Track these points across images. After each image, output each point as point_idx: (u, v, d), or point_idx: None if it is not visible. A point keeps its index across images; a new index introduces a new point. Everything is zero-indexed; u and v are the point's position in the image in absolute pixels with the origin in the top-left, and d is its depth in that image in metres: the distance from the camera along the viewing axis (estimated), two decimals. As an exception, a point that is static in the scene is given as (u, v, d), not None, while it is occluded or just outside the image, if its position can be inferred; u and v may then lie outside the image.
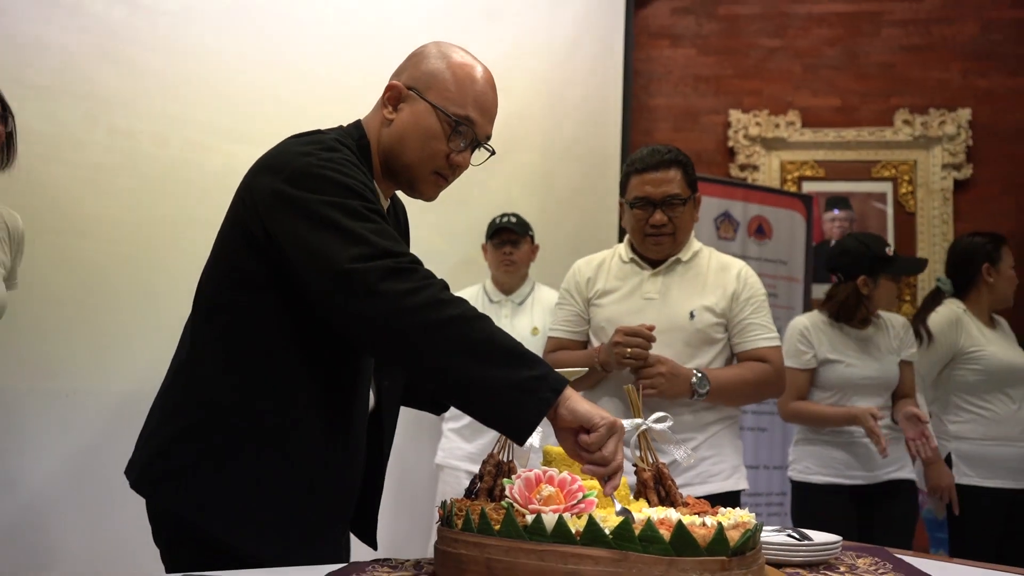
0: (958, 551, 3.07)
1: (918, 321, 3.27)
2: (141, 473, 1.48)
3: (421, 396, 1.70)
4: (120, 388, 2.86)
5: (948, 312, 3.24)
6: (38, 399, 2.57)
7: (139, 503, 1.50)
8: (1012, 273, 3.32)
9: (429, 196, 1.58)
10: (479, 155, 1.57)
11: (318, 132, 1.51)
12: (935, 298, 3.36)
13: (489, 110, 1.54)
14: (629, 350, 2.16)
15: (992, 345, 3.21)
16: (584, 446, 1.25)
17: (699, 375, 2.22)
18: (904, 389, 3.02)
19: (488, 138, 1.56)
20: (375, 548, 1.62)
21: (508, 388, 1.22)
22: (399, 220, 1.73)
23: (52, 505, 2.77)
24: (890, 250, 3.05)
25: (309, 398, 1.45)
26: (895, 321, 3.08)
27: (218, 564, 1.28)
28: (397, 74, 1.57)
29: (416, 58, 1.56)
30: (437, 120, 1.49)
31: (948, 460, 3.18)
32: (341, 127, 1.57)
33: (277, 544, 1.40)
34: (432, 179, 1.54)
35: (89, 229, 2.90)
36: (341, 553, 1.53)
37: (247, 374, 1.43)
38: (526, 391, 1.22)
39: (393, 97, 1.53)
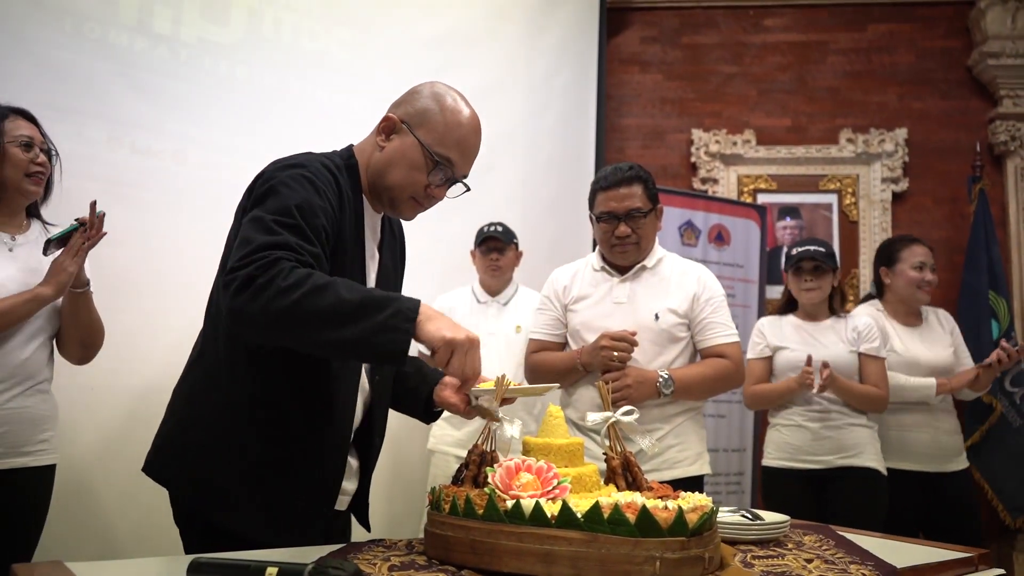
0: (890, 528, 3.05)
1: None
2: (153, 461, 1.48)
3: (413, 406, 1.67)
4: (138, 383, 2.82)
5: (865, 311, 3.18)
6: (68, 392, 2.53)
7: (160, 487, 1.49)
8: (912, 273, 3.14)
9: (406, 216, 1.60)
10: (456, 188, 1.58)
11: (305, 154, 1.52)
12: (866, 301, 3.35)
13: (469, 153, 1.55)
14: (616, 353, 2.16)
15: (906, 342, 3.14)
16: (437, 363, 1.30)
17: (664, 377, 2.21)
18: (867, 379, 2.92)
19: (466, 176, 1.57)
20: (368, 530, 1.61)
21: (373, 334, 1.23)
22: (394, 232, 1.72)
23: (80, 488, 2.74)
24: (796, 250, 2.99)
25: (292, 394, 1.44)
26: (858, 320, 2.99)
27: (224, 545, 1.27)
28: (394, 107, 1.57)
29: (413, 95, 1.56)
30: (422, 155, 1.50)
31: None
32: (334, 151, 1.58)
33: (272, 528, 1.40)
34: (409, 203, 1.56)
35: (113, 238, 2.86)
36: (337, 536, 1.52)
37: (240, 372, 1.43)
38: (389, 329, 1.23)
39: (387, 127, 1.54)
